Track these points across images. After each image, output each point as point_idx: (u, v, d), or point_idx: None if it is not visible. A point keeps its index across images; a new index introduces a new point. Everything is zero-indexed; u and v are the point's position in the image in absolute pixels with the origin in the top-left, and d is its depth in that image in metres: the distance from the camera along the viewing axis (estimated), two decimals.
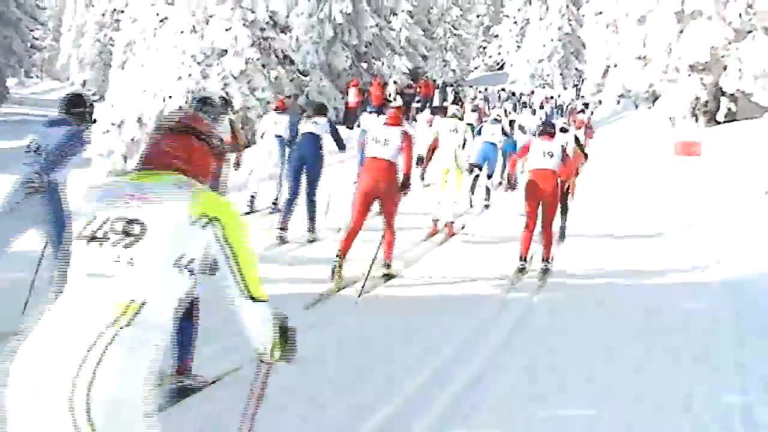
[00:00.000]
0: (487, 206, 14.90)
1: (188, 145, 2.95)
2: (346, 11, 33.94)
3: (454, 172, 11.97)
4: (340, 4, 33.82)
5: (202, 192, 2.79)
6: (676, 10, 26.89)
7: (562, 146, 9.70)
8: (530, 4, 63.93)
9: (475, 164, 13.89)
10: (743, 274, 9.40)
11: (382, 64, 37.89)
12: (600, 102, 40.96)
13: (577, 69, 55.68)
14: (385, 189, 8.48)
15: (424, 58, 49.99)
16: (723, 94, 27.24)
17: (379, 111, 21.47)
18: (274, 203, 12.84)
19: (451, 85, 43.72)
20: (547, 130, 9.89)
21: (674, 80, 27.83)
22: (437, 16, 57.53)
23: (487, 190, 15.12)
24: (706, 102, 27.86)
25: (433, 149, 12.28)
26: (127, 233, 2.66)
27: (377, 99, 31.58)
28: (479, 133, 15.43)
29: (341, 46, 34.71)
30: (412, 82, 38.96)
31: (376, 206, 8.82)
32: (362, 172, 8.86)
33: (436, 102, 36.94)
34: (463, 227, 12.18)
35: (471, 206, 14.76)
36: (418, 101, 37.38)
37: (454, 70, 57.31)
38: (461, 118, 12.87)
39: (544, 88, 53.37)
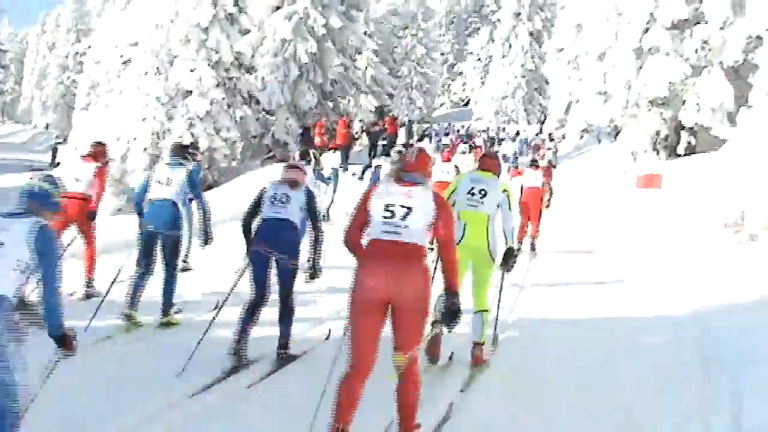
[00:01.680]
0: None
1: None
2: (311, 51, 34.10)
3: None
4: (305, 44, 33.96)
5: None
6: (635, 47, 27.12)
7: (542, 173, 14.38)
8: (493, 41, 64.43)
9: None
10: (706, 308, 9.52)
11: (348, 102, 38.08)
12: (563, 137, 41.17)
13: (540, 105, 56.03)
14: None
15: (390, 96, 50.28)
16: (683, 128, 27.46)
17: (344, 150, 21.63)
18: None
19: (418, 122, 43.93)
20: (534, 162, 16.09)
21: (635, 115, 28.07)
22: (402, 54, 57.90)
23: None
24: (667, 136, 28.16)
25: None
26: None
27: (343, 137, 31.73)
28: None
29: (307, 85, 34.81)
30: (377, 120, 39.06)
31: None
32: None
33: (401, 139, 37.17)
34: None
35: None
36: (384, 138, 37.46)
37: (420, 108, 57.40)
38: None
39: (509, 123, 53.63)
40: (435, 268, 5.95)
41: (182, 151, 9.09)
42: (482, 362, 7.23)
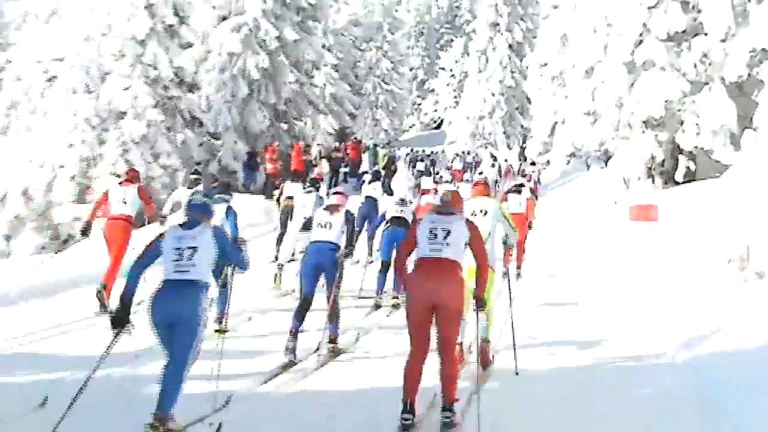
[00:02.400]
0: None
1: None
2: (262, 66, 34.24)
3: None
4: (256, 58, 34.11)
5: None
6: (626, 61, 27.36)
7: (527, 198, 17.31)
8: (468, 55, 64.55)
9: None
10: (703, 351, 9.89)
11: (305, 124, 38.24)
12: (548, 162, 41.40)
13: (522, 126, 56.23)
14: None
15: (352, 116, 50.52)
16: (680, 151, 27.72)
17: (302, 178, 21.74)
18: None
19: (384, 146, 44.27)
20: (518, 186, 18.18)
21: (627, 137, 28.32)
22: (365, 69, 58.32)
23: None
24: (663, 161, 28.39)
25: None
26: None
27: (298, 163, 31.80)
28: None
29: (258, 104, 34.97)
30: (338, 144, 39.47)
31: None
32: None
33: (365, 166, 37.44)
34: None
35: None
36: (346, 165, 37.51)
37: (386, 130, 57.65)
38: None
39: (486, 147, 53.71)
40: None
41: (227, 189, 13.73)
42: (489, 362, 9.63)
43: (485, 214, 9.93)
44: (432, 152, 52.55)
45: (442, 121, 75.30)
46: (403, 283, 8.19)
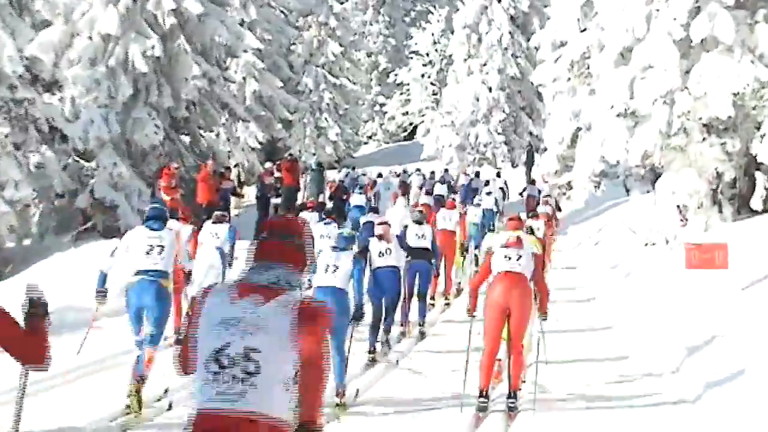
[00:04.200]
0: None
1: None
2: (152, 53, 34.13)
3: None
4: (143, 44, 34.00)
5: None
6: (679, 38, 27.04)
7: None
8: (452, 33, 64.43)
9: None
10: None
11: (216, 136, 38.51)
12: (568, 186, 41.55)
13: (531, 134, 56.12)
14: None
15: (286, 124, 50.70)
16: (758, 167, 27.28)
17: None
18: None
19: (334, 167, 44.31)
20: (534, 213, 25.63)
21: (682, 148, 27.97)
22: (305, 56, 58.15)
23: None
24: (734, 180, 28.10)
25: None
26: None
27: (206, 192, 31.57)
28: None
29: (147, 110, 34.84)
30: (270, 164, 39.36)
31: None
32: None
33: (302, 194, 37.87)
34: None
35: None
36: (277, 193, 37.54)
37: (334, 142, 57.69)
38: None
39: (481, 165, 53.56)
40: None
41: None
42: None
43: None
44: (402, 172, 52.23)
45: (415, 128, 76.41)
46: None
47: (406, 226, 22.32)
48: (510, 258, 13.68)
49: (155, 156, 35.17)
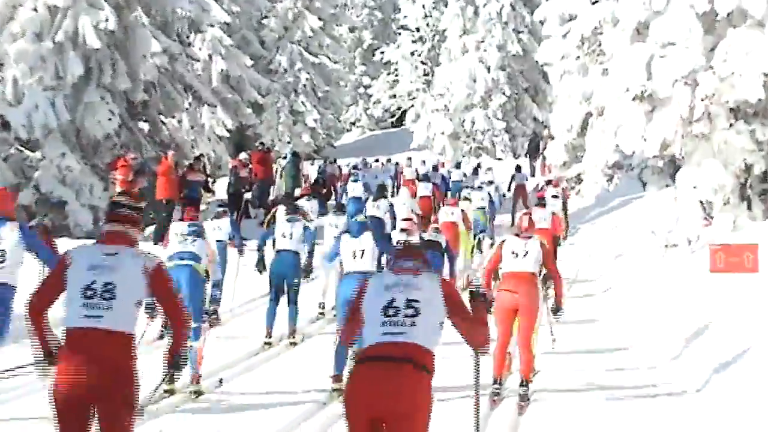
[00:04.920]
0: None
1: None
2: (106, 27, 33.43)
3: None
4: (94, 15, 33.28)
5: None
6: (702, 11, 26.75)
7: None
8: (445, 5, 65.55)
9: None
10: None
11: (179, 123, 38.63)
12: (578, 179, 43.00)
13: (536, 119, 56.17)
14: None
15: (257, 109, 51.55)
16: None
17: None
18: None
19: (311, 158, 43.65)
20: (541, 201, 28.63)
21: (706, 135, 27.55)
22: (278, 30, 58.55)
23: None
24: (764, 173, 28.07)
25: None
26: None
27: (165, 187, 31.72)
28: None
29: (100, 92, 34.45)
30: (245, 154, 40.26)
31: None
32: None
33: (277, 189, 38.64)
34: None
35: None
36: (248, 188, 38.20)
37: (313, 129, 58.50)
38: None
39: (479, 156, 53.80)
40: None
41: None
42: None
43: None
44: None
45: (404, 113, 77.77)
46: None
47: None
48: (517, 255, 15.15)
49: (109, 146, 35.09)
